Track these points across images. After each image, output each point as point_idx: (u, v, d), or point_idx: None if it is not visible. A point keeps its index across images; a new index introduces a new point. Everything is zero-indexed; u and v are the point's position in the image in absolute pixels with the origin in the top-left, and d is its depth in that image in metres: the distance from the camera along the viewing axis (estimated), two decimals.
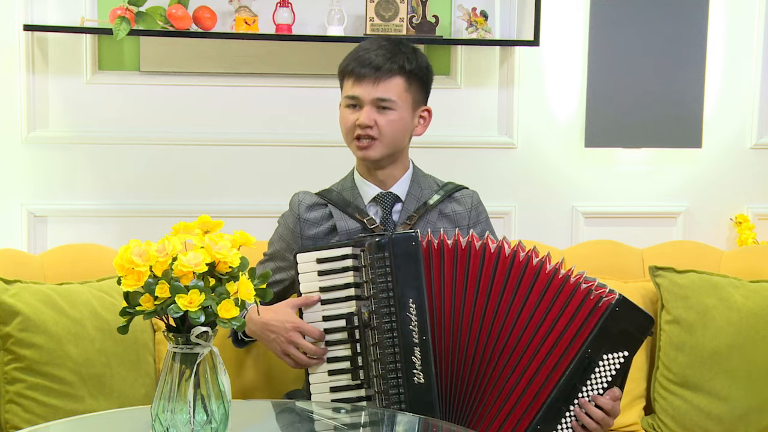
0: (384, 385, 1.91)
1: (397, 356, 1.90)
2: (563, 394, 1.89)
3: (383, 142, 2.09)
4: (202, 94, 2.82)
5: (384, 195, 2.15)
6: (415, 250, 1.92)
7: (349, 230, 2.11)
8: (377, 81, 2.06)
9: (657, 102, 2.95)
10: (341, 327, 1.97)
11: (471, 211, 2.20)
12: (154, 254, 1.48)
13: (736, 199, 3.07)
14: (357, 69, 2.07)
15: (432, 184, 2.21)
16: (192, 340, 1.51)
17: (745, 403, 2.43)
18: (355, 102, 2.09)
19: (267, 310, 2.04)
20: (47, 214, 2.78)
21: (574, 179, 3.01)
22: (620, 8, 2.91)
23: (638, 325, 1.92)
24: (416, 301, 1.91)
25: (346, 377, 1.97)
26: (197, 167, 2.84)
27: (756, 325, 2.44)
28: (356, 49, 2.12)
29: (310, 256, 2.00)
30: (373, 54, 2.07)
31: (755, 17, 3.01)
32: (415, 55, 2.11)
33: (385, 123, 2.07)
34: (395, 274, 1.91)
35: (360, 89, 2.07)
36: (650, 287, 2.57)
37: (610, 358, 1.91)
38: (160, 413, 1.53)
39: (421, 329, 1.90)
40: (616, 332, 1.90)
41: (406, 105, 2.10)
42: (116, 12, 2.55)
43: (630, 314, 1.91)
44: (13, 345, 2.18)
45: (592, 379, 1.91)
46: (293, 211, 2.18)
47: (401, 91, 2.08)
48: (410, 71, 2.09)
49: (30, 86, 2.73)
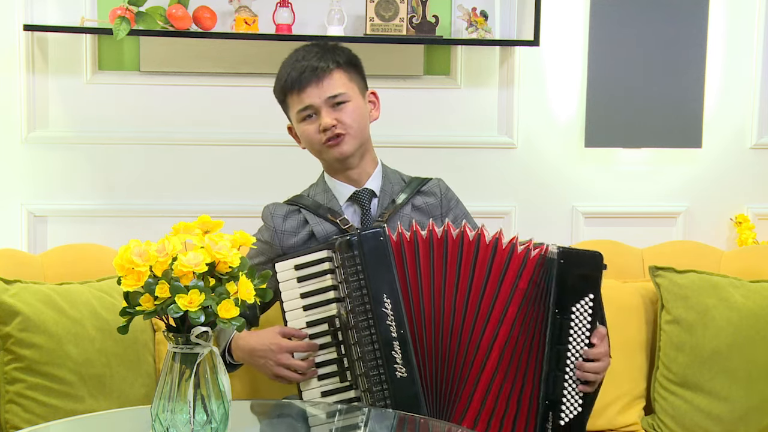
0: (368, 383, 1.92)
1: (377, 353, 1.91)
2: (553, 362, 1.91)
3: (351, 134, 2.09)
4: (202, 94, 2.82)
5: (360, 192, 2.15)
6: (384, 245, 1.93)
7: (327, 233, 2.11)
8: (320, 81, 2.07)
9: (657, 102, 2.95)
10: (325, 331, 1.97)
11: (442, 200, 2.21)
12: (154, 254, 1.48)
13: (736, 199, 3.07)
14: (297, 78, 2.08)
15: (399, 179, 2.22)
16: (192, 340, 1.51)
17: (745, 403, 2.43)
18: (310, 112, 2.09)
19: (251, 335, 2.03)
20: (47, 214, 2.78)
21: (574, 179, 3.01)
22: (620, 8, 2.91)
23: (590, 266, 1.93)
24: (390, 296, 1.92)
25: (335, 380, 1.97)
26: (197, 167, 2.84)
27: (756, 325, 2.44)
28: (284, 67, 2.13)
29: (287, 264, 2.01)
30: (304, 61, 2.09)
31: (755, 17, 3.01)
32: (340, 49, 2.14)
33: (345, 116, 2.08)
34: (366, 271, 1.92)
35: (309, 97, 2.08)
36: (650, 287, 2.57)
37: (579, 308, 1.91)
38: (160, 413, 1.53)
39: (398, 323, 1.91)
40: (571, 282, 1.91)
41: (356, 93, 2.12)
42: (116, 12, 2.55)
43: (576, 260, 1.92)
44: (13, 345, 2.18)
45: (573, 335, 1.91)
46: (268, 225, 2.17)
47: (346, 81, 2.10)
48: (345, 62, 2.11)
49: (30, 86, 2.73)
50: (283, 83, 2.11)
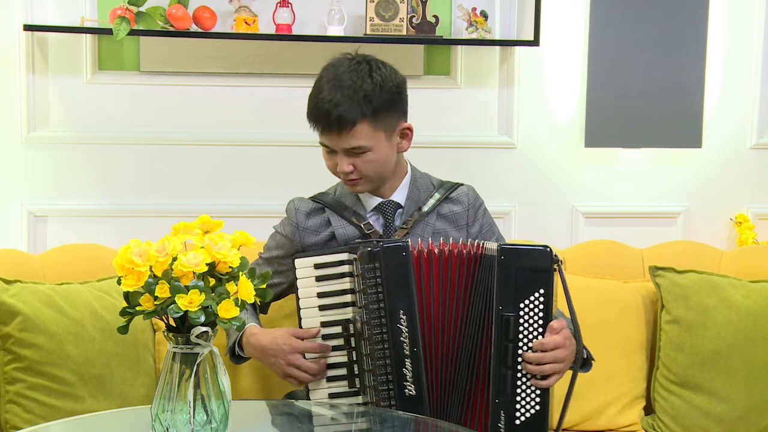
0: (376, 396, 1.91)
1: (389, 368, 1.90)
2: (501, 359, 1.86)
3: (368, 179, 2.05)
4: (202, 94, 2.82)
5: (385, 204, 2.11)
6: (406, 261, 1.91)
7: (348, 237, 2.09)
8: (341, 133, 1.97)
9: (657, 102, 2.95)
10: (339, 333, 1.97)
11: (469, 210, 2.17)
12: (154, 254, 1.48)
13: (736, 199, 3.07)
14: (321, 119, 1.99)
15: (428, 184, 2.18)
16: (192, 340, 1.51)
17: (745, 403, 2.42)
18: (328, 148, 2.04)
19: (264, 333, 2.02)
20: (47, 214, 2.78)
21: (574, 179, 3.01)
22: (620, 8, 2.91)
23: (536, 261, 1.86)
24: (407, 312, 1.90)
25: (344, 384, 1.97)
26: (197, 167, 2.84)
27: (756, 325, 2.44)
28: (315, 92, 2.02)
29: (307, 261, 2.00)
30: (329, 105, 1.96)
31: (755, 17, 3.01)
32: (376, 88, 1.98)
33: (363, 165, 2.02)
34: (386, 285, 1.90)
35: (328, 140, 2.01)
36: (650, 287, 2.57)
37: (529, 304, 1.86)
38: (160, 413, 1.53)
39: (412, 341, 1.89)
40: (515, 280, 1.85)
41: (379, 141, 2.01)
42: (116, 12, 2.55)
43: (519, 256, 1.86)
44: (13, 345, 2.18)
45: (522, 331, 1.86)
46: (291, 220, 2.14)
47: (368, 133, 1.98)
48: (373, 111, 1.97)
49: (30, 86, 2.73)
50: (309, 112, 2.03)
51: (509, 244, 1.92)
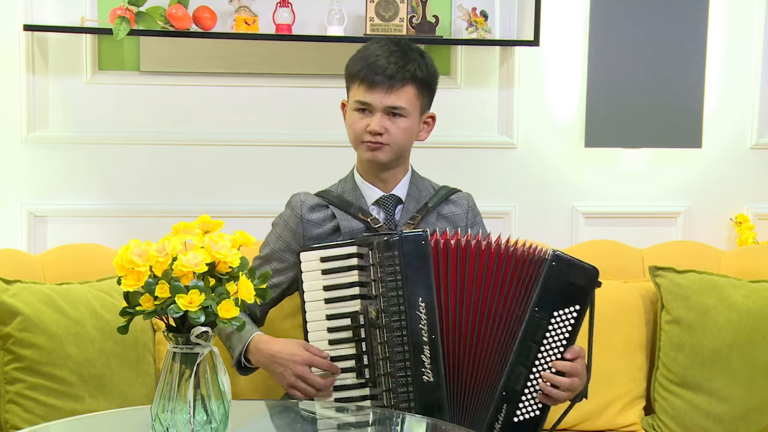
0: (393, 384, 1.92)
1: (407, 354, 1.91)
2: (520, 356, 1.91)
3: (392, 148, 2.08)
4: (202, 94, 2.82)
5: (387, 197, 2.14)
6: (425, 249, 1.93)
7: (353, 230, 2.10)
8: (390, 89, 2.04)
9: (657, 102, 2.95)
10: (346, 326, 1.97)
11: (468, 213, 2.21)
12: (154, 254, 1.49)
13: (736, 199, 3.07)
14: (369, 76, 2.04)
15: (428, 186, 2.22)
16: (192, 340, 1.51)
17: (745, 403, 2.43)
18: (365, 107, 2.06)
19: (275, 341, 2.02)
20: (47, 214, 2.78)
21: (574, 179, 3.01)
22: (620, 8, 2.91)
23: (582, 278, 1.93)
24: (426, 299, 1.92)
25: (351, 375, 1.96)
26: (197, 167, 2.84)
27: (756, 325, 2.44)
28: (365, 52, 2.08)
29: (313, 254, 2.00)
30: (385, 61, 2.04)
31: (755, 17, 3.01)
32: (424, 61, 2.08)
33: (396, 130, 2.06)
34: (405, 272, 1.92)
35: (372, 96, 2.04)
36: (650, 287, 2.57)
37: (562, 315, 1.92)
38: (160, 413, 1.53)
39: (430, 328, 1.91)
40: (558, 288, 1.91)
41: (416, 112, 2.09)
42: (116, 12, 2.55)
43: (570, 268, 1.93)
44: (13, 345, 2.18)
45: (548, 338, 1.91)
46: (295, 212, 2.15)
47: (412, 98, 2.06)
48: (422, 79, 2.07)
49: (30, 86, 2.73)
50: (356, 71, 2.07)
51: (563, 253, 1.95)
